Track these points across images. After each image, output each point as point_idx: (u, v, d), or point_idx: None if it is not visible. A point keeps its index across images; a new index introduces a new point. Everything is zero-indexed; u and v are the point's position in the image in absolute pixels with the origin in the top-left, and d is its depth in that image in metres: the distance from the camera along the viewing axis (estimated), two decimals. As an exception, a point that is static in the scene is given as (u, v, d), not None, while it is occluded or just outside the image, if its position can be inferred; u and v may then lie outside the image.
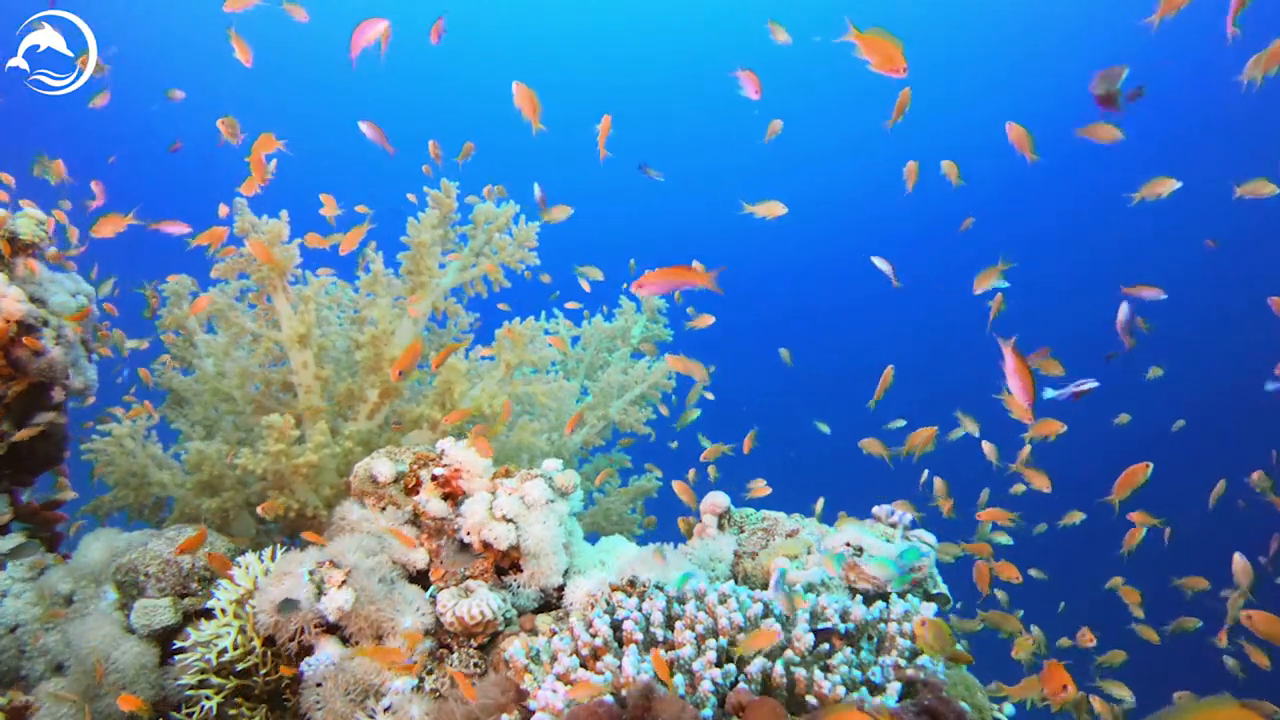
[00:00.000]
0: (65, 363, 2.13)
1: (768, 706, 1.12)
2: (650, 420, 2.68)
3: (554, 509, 1.72)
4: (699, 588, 1.47)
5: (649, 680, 1.16)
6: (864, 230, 18.68)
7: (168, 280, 2.30)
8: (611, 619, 1.39)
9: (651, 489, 2.75)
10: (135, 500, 2.16)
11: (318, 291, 2.15)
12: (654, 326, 2.88)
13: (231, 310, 2.18)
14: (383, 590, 1.59)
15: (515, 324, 2.31)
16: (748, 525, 1.99)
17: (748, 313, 16.81)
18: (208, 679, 1.60)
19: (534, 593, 1.70)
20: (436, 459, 1.83)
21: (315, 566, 1.59)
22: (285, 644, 1.56)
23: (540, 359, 2.32)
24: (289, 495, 2.00)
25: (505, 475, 1.81)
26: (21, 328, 2.02)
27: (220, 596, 1.65)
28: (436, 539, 1.74)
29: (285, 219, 2.10)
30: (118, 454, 2.10)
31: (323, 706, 1.49)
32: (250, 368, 2.21)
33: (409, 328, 2.23)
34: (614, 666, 1.26)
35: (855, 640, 1.41)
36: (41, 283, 2.13)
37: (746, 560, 1.87)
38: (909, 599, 1.50)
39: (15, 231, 2.10)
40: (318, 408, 2.11)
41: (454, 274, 2.29)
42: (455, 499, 1.77)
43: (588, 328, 2.87)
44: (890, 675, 1.30)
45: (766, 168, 18.82)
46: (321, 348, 2.16)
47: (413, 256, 2.22)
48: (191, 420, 2.30)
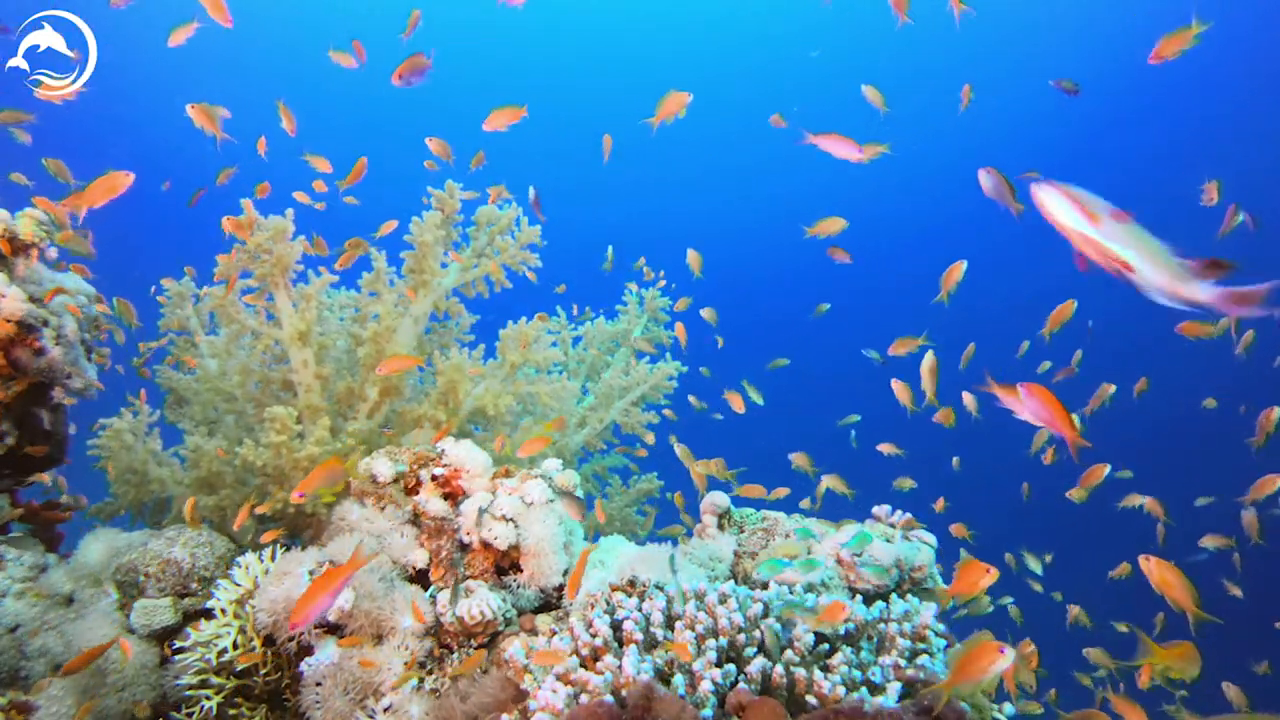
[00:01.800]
0: (65, 363, 2.13)
1: (768, 706, 1.12)
2: (651, 424, 2.68)
3: (554, 509, 1.72)
4: (699, 588, 1.47)
5: (649, 680, 1.16)
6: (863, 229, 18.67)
7: (162, 283, 2.30)
8: (611, 619, 1.39)
9: (654, 490, 2.75)
10: (135, 498, 2.16)
11: (319, 290, 2.16)
12: (655, 327, 2.89)
13: (233, 306, 2.18)
14: (383, 590, 1.59)
15: (522, 323, 2.31)
16: (748, 525, 1.99)
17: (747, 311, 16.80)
18: (208, 679, 1.60)
19: (534, 593, 1.70)
20: (436, 459, 1.83)
21: (315, 566, 1.59)
22: (285, 644, 1.56)
23: (544, 359, 2.32)
24: (288, 491, 2.00)
25: (505, 475, 1.81)
26: (21, 328, 2.02)
27: (220, 596, 1.65)
28: (436, 539, 1.74)
29: (290, 216, 2.10)
30: (118, 448, 2.10)
31: (322, 705, 1.49)
32: (250, 365, 2.21)
33: (410, 326, 2.23)
34: (614, 666, 1.26)
35: (855, 640, 1.41)
36: (42, 282, 2.13)
37: (746, 560, 1.87)
38: (909, 599, 1.50)
39: (15, 232, 2.10)
40: (318, 406, 2.11)
41: (456, 274, 2.30)
42: (455, 499, 1.77)
43: (589, 328, 2.87)
44: (890, 675, 1.30)
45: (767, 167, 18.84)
46: (322, 346, 2.16)
47: (415, 255, 2.23)
48: (194, 420, 2.30)
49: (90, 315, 2.28)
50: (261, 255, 2.07)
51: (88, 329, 2.24)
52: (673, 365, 2.70)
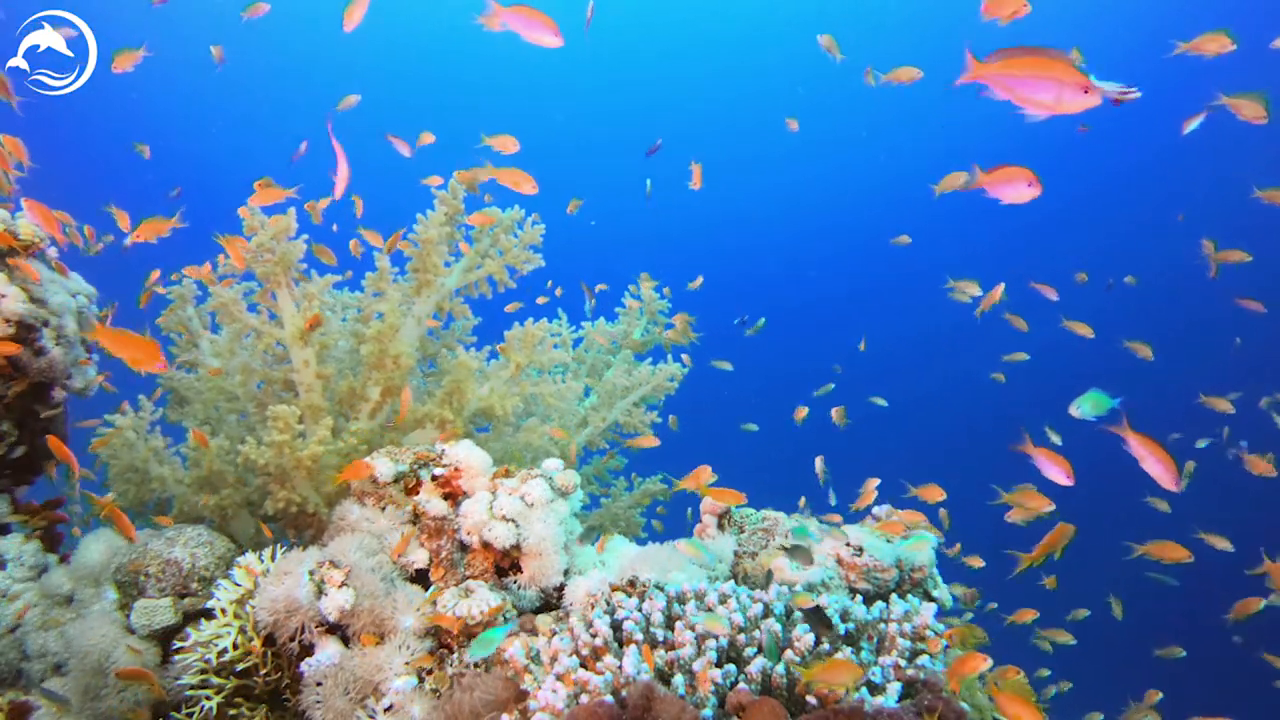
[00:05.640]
0: (65, 363, 2.13)
1: (768, 706, 1.12)
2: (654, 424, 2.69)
3: (554, 509, 1.72)
4: (699, 588, 1.47)
5: (649, 680, 1.16)
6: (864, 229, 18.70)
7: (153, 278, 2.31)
8: (611, 619, 1.39)
9: (658, 492, 2.75)
10: (135, 497, 2.16)
11: (322, 290, 2.16)
12: (655, 329, 2.89)
13: (235, 305, 2.18)
14: (383, 590, 1.59)
15: (529, 325, 2.32)
16: (748, 525, 1.99)
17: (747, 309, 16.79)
18: (208, 679, 1.60)
19: (534, 593, 1.70)
20: (437, 459, 1.83)
21: (315, 566, 1.59)
22: (285, 644, 1.56)
23: (549, 360, 2.33)
24: (290, 490, 2.00)
25: (505, 475, 1.81)
26: (21, 328, 2.02)
27: (220, 596, 1.65)
28: (436, 539, 1.74)
29: (293, 216, 2.10)
30: (119, 445, 2.10)
31: (323, 705, 1.49)
32: (252, 364, 2.21)
33: (413, 326, 2.24)
34: (614, 666, 1.26)
35: (855, 640, 1.41)
36: (41, 283, 2.13)
37: (746, 560, 1.87)
38: (909, 599, 1.50)
39: (15, 232, 2.10)
40: (319, 406, 2.11)
41: (459, 274, 2.30)
42: (455, 499, 1.77)
43: (590, 329, 2.88)
44: (890, 675, 1.30)
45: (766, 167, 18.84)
46: (323, 346, 2.16)
47: (419, 254, 2.23)
48: (196, 419, 2.31)
49: (90, 315, 2.28)
50: (264, 254, 2.07)
51: (87, 329, 2.25)
52: (675, 367, 2.71)
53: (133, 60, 2.39)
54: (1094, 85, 1.10)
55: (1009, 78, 1.15)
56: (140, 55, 2.38)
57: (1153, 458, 1.41)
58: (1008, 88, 1.16)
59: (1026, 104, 1.15)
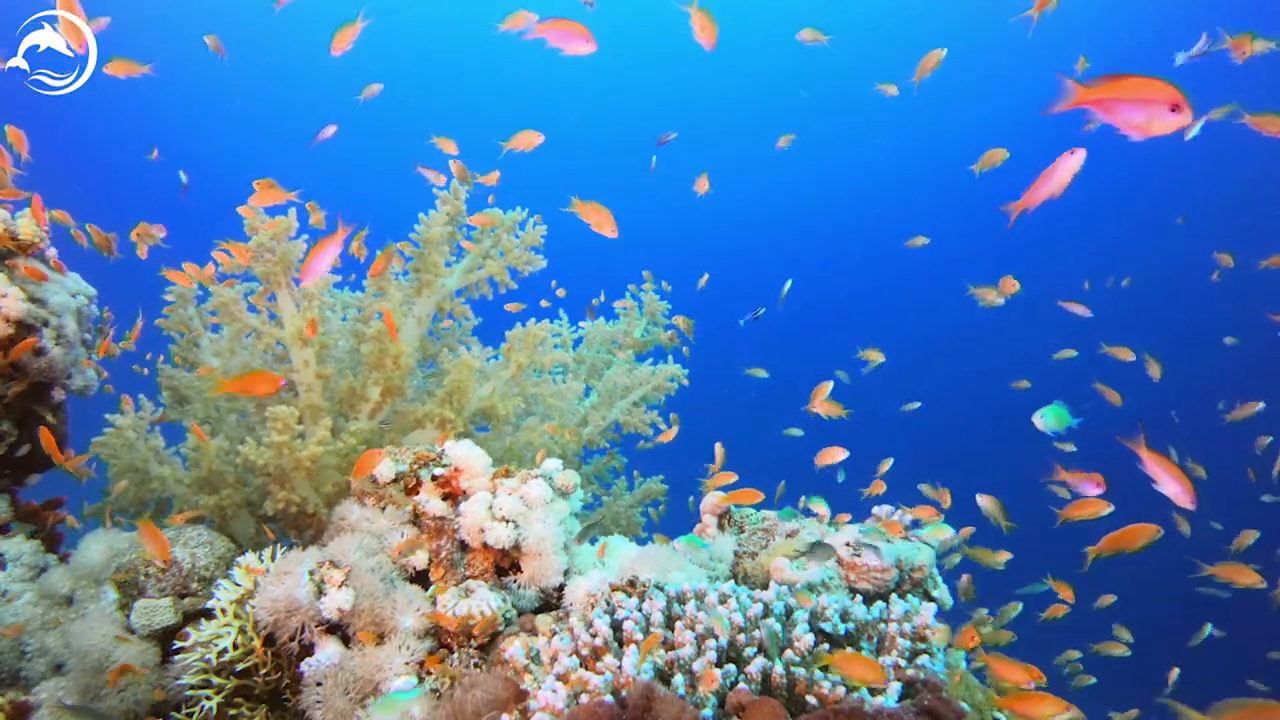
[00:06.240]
0: (65, 363, 2.13)
1: (768, 706, 1.12)
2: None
3: (554, 509, 1.72)
4: (699, 588, 1.47)
5: (649, 680, 1.16)
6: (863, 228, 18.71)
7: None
8: (611, 619, 1.39)
9: (659, 492, 2.75)
10: (135, 497, 2.16)
11: (321, 290, 2.16)
12: (655, 329, 2.89)
13: (235, 305, 2.18)
14: (383, 590, 1.59)
15: (530, 325, 2.32)
16: (748, 525, 1.99)
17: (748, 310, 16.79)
18: (208, 679, 1.60)
19: (534, 593, 1.70)
20: (437, 459, 1.83)
21: (315, 566, 1.59)
22: (285, 644, 1.56)
23: (550, 361, 2.33)
24: (290, 490, 2.00)
25: (505, 475, 1.81)
26: (21, 328, 2.02)
27: (220, 596, 1.65)
28: (436, 539, 1.74)
29: (293, 216, 2.10)
30: (119, 445, 2.10)
31: (323, 705, 1.49)
32: (252, 363, 2.21)
33: (413, 326, 2.24)
34: (614, 666, 1.26)
35: (855, 640, 1.41)
36: (41, 283, 2.13)
37: (746, 560, 1.87)
38: (909, 599, 1.50)
39: (15, 232, 2.10)
40: (318, 406, 2.11)
41: (460, 274, 2.30)
42: (455, 499, 1.77)
43: (590, 328, 2.88)
44: (890, 675, 1.30)
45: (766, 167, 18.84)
46: (323, 346, 2.16)
47: (420, 255, 2.23)
48: (196, 419, 2.31)
49: (90, 315, 2.28)
50: (264, 254, 2.07)
51: (87, 329, 2.25)
52: (675, 368, 2.71)
53: (129, 70, 2.37)
54: (1184, 104, 1.13)
55: (1109, 101, 1.17)
56: (139, 71, 2.36)
57: (1168, 476, 1.41)
58: (1110, 111, 1.18)
59: (1126, 127, 1.17)
